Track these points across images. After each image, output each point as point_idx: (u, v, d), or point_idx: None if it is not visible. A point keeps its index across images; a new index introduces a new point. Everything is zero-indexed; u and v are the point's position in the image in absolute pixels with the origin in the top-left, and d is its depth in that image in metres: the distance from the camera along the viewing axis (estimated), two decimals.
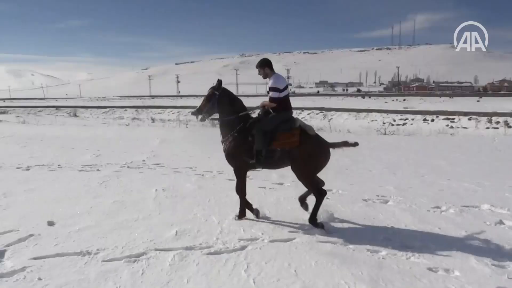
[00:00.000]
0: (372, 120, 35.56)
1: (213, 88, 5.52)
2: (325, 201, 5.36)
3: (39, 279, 3.68)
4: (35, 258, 4.13)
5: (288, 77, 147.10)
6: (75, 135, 17.48)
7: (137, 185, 7.52)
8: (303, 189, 5.59)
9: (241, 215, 5.57)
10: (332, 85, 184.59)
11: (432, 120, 33.93)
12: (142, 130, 20.32)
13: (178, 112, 41.53)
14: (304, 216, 5.51)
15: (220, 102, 5.45)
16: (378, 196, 6.89)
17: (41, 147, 13.28)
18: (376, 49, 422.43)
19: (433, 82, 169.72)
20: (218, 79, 5.73)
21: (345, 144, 5.48)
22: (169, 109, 45.41)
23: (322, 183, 5.61)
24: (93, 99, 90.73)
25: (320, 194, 5.27)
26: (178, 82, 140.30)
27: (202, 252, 4.35)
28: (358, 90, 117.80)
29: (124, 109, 49.65)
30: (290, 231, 5.02)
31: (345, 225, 5.39)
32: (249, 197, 5.66)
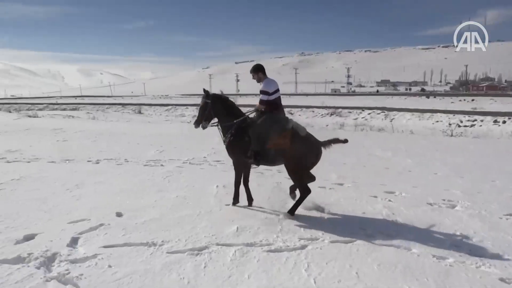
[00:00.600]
0: (437, 121, 33.94)
1: (204, 98, 5.94)
2: (388, 203, 5.23)
3: (109, 266, 3.88)
4: (105, 247, 4.37)
5: (348, 76, 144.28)
6: (140, 131, 18.23)
7: (198, 181, 7.72)
8: (363, 189, 5.48)
9: (235, 202, 6.15)
10: (394, 84, 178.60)
11: (504, 122, 31.76)
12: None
13: None
14: (364, 217, 5.41)
15: (214, 109, 5.89)
16: (444, 200, 6.57)
17: (109, 142, 13.99)
18: (442, 47, 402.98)
19: (505, 81, 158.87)
20: (203, 89, 6.17)
21: (336, 141, 5.74)
22: None
23: (313, 178, 5.92)
24: (156, 97, 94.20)
25: (305, 191, 5.62)
26: (238, 80, 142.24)
27: (262, 249, 4.39)
28: (422, 90, 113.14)
29: (185, 107, 51.10)
30: (351, 233, 4.92)
31: (409, 229, 5.20)
32: (308, 196, 5.62)
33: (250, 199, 6.21)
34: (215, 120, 6.05)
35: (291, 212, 5.59)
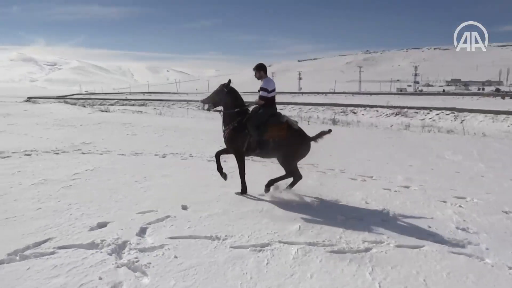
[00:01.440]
0: None
1: (223, 86, 6.55)
2: (459, 209, 4.95)
3: (175, 257, 4.02)
4: (171, 238, 4.53)
5: (416, 75, 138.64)
6: (203, 127, 18.68)
7: (261, 178, 7.74)
8: (431, 193, 5.22)
9: (243, 191, 6.58)
10: (466, 84, 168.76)
11: None
12: None
13: (299, 108, 41.93)
14: (432, 223, 5.18)
15: (226, 98, 6.47)
16: None
17: (175, 137, 14.49)
18: None
19: None
20: (229, 79, 6.77)
21: (322, 133, 6.41)
22: (290, 106, 46.06)
23: (300, 177, 6.57)
24: None
25: (298, 177, 6.50)
26: (300, 79, 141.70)
27: (325, 249, 4.34)
28: (497, 90, 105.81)
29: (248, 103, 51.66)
30: (418, 238, 4.72)
31: (481, 237, 4.89)
32: (373, 198, 5.48)
33: (244, 188, 6.65)
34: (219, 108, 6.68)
35: (269, 184, 6.48)
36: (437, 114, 36.94)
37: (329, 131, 6.51)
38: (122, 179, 7.41)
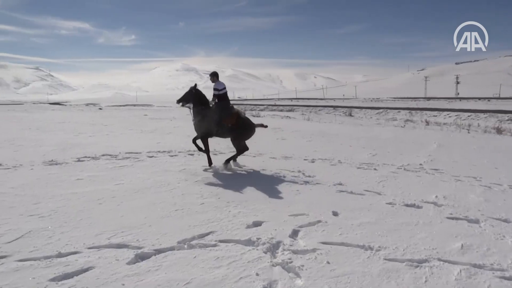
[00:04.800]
0: None
1: (191, 88, 9.02)
2: None
3: (328, 262, 4.01)
4: (323, 243, 4.54)
5: None
6: (351, 133, 18.41)
7: (414, 189, 7.32)
8: None
9: (209, 164, 8.92)
10: None
11: None
12: (417, 133, 19.70)
13: (456, 115, 38.38)
14: None
15: (194, 97, 8.90)
16: None
17: (323, 143, 14.55)
18: None
19: None
20: (195, 83, 9.25)
21: (260, 125, 9.40)
22: (445, 112, 42.49)
23: (247, 148, 9.16)
24: (367, 100, 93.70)
25: (240, 152, 9.09)
26: (457, 83, 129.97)
27: (493, 274, 3.87)
28: None
29: (397, 110, 49.21)
30: None
31: None
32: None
33: (210, 163, 8.96)
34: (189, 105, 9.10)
35: (226, 161, 8.92)
36: None
37: (266, 126, 9.75)
38: (273, 181, 7.71)
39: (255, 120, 9.65)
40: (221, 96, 8.89)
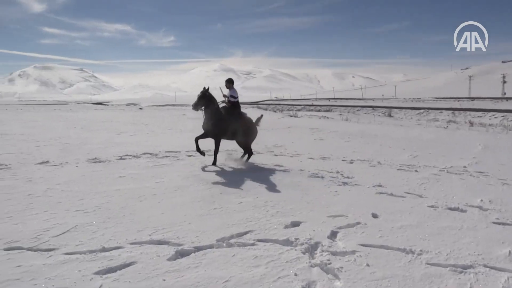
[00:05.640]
0: None
1: (205, 92, 9.00)
2: None
3: (367, 265, 3.94)
4: (362, 245, 4.46)
5: None
6: (391, 134, 18.02)
7: (458, 192, 7.09)
8: None
9: (214, 163, 9.15)
10: None
11: None
12: (461, 134, 19.01)
13: (503, 116, 36.78)
14: None
15: (207, 100, 8.97)
16: None
17: (362, 143, 14.33)
18: None
19: None
20: (206, 87, 9.34)
21: (257, 120, 9.95)
22: (491, 113, 40.81)
23: (252, 153, 9.87)
24: (407, 100, 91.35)
25: (251, 153, 9.80)
26: (504, 82, 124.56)
27: None
28: None
29: (439, 111, 47.70)
30: None
31: None
32: None
33: (215, 160, 9.27)
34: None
35: (245, 160, 9.73)
36: None
37: (261, 116, 10.31)
38: (311, 182, 7.67)
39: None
40: (236, 103, 9.48)
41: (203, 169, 8.71)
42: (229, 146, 10.76)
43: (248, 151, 9.75)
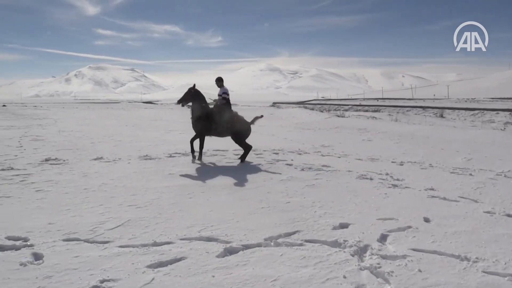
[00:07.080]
0: None
1: (190, 89, 9.38)
2: None
3: (419, 270, 3.82)
4: (414, 250, 4.33)
5: None
6: (443, 136, 17.33)
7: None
8: None
9: (199, 158, 9.53)
10: None
11: None
12: None
13: None
14: None
15: (193, 97, 9.37)
16: None
17: (412, 145, 13.89)
18: None
19: None
20: (194, 84, 9.66)
21: (255, 119, 9.96)
22: None
23: (250, 147, 9.67)
24: (461, 100, 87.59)
25: (248, 148, 9.62)
26: None
27: None
28: None
29: (495, 112, 45.43)
30: None
31: None
32: None
33: (200, 156, 9.63)
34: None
35: (243, 159, 9.47)
36: None
37: (261, 116, 10.25)
38: (360, 183, 7.54)
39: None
40: (228, 100, 9.89)
41: (249, 168, 8.77)
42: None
43: (244, 148, 9.60)
